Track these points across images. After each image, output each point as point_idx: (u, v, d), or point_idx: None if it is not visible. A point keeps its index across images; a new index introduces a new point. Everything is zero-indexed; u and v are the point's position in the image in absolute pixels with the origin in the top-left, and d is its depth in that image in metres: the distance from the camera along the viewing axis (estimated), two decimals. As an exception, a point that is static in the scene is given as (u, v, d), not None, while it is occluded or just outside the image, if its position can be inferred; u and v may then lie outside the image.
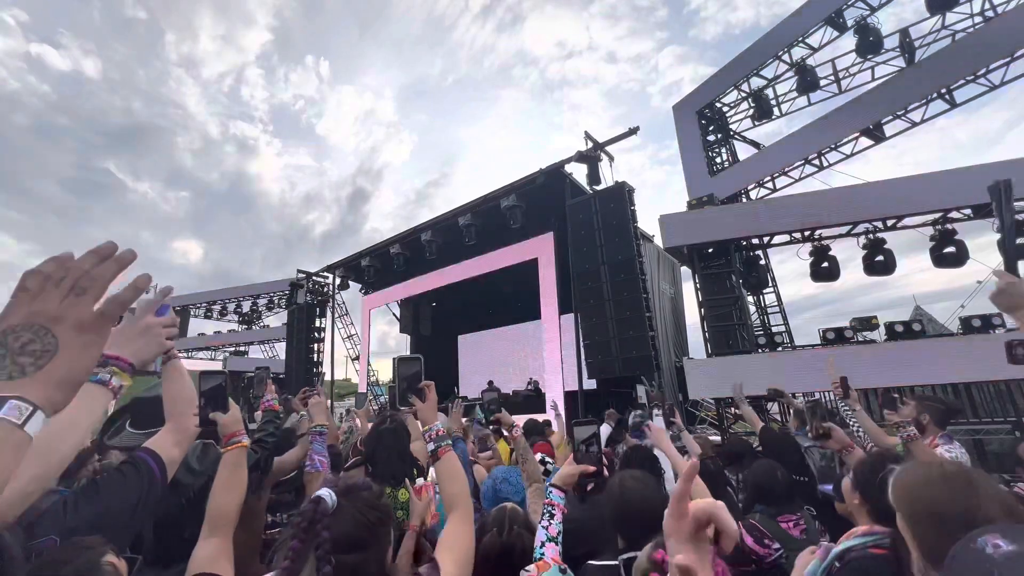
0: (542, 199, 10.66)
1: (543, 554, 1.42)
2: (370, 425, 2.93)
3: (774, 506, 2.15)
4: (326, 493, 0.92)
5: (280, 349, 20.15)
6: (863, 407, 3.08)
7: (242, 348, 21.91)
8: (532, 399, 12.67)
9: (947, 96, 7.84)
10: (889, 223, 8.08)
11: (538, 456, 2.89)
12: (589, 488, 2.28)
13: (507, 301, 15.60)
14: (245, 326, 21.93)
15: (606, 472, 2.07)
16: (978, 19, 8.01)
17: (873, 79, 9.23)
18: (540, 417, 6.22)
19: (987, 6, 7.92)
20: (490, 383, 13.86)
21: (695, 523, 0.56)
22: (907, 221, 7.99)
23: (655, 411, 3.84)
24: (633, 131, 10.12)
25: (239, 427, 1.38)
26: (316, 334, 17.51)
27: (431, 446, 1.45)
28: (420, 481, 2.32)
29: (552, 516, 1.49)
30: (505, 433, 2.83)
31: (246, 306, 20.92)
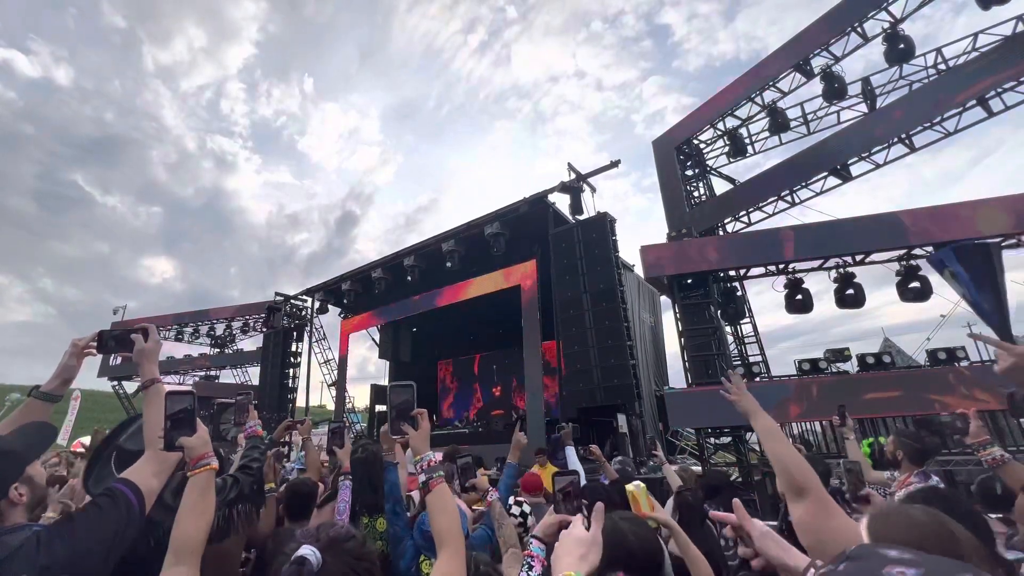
0: (525, 227, 10.80)
1: None
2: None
3: None
4: (309, 552, 0.86)
5: (253, 374, 19.52)
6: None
7: (213, 372, 21.14)
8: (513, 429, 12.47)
9: (907, 141, 8.33)
10: (858, 258, 8.41)
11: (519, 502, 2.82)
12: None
13: (489, 328, 15.54)
14: (217, 349, 21.24)
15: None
16: (932, 71, 8.62)
17: (839, 122, 9.79)
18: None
19: (939, 60, 8.55)
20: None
21: None
22: (874, 257, 8.33)
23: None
24: (615, 164, 10.45)
25: (207, 449, 1.31)
26: (292, 359, 17.07)
27: (422, 477, 1.39)
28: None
29: (531, 568, 1.44)
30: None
31: (220, 328, 20.29)
